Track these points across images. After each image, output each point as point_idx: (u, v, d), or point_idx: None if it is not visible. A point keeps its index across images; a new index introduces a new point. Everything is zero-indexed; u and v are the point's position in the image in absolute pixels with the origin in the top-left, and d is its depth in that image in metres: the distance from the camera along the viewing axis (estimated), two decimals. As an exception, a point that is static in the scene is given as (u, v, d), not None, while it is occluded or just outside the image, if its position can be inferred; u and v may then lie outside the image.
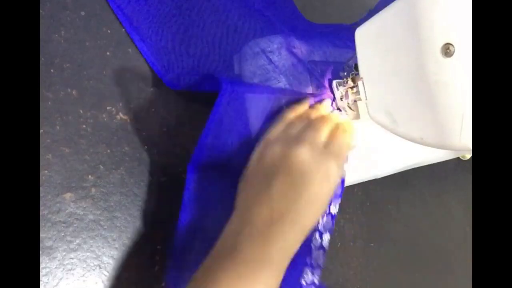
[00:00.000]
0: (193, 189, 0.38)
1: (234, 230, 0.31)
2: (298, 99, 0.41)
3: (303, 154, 0.31)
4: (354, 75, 0.39)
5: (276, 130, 0.36)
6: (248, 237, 0.29)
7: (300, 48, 0.43)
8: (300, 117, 0.37)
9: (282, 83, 0.41)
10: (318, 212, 0.31)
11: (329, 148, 0.33)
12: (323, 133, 0.34)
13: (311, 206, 0.30)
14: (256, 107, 0.39)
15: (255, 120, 0.39)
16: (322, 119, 0.36)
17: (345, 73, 0.41)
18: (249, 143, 0.38)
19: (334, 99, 0.42)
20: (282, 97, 0.40)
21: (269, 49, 0.41)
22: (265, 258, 0.29)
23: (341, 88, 0.41)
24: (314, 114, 0.38)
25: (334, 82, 0.42)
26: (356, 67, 0.40)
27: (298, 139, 0.32)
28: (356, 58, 0.40)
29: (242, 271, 0.28)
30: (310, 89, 0.42)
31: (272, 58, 0.41)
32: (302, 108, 0.39)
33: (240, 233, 0.30)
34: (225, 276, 0.28)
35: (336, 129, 0.35)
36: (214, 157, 0.38)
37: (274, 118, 0.40)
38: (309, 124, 0.35)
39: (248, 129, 0.38)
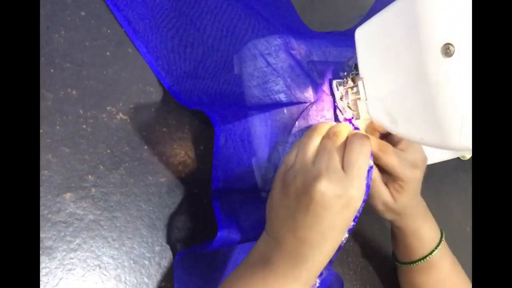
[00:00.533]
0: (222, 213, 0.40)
1: (267, 245, 0.34)
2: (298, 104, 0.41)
3: (322, 188, 0.31)
4: (354, 75, 0.39)
5: (293, 153, 0.35)
6: (280, 255, 0.33)
7: (299, 49, 0.43)
8: (310, 132, 0.36)
9: (280, 85, 0.41)
10: (340, 236, 0.33)
11: (348, 172, 0.33)
12: (336, 156, 0.33)
13: (332, 232, 0.33)
14: (255, 130, 0.40)
15: (258, 143, 0.40)
16: (332, 138, 0.35)
17: (345, 73, 0.41)
18: (261, 165, 0.40)
19: (334, 100, 0.42)
20: (281, 109, 0.40)
21: (267, 51, 0.41)
22: (294, 275, 0.32)
23: (341, 88, 0.41)
24: (324, 131, 0.36)
25: (334, 82, 0.42)
26: (356, 67, 0.40)
27: (314, 170, 0.33)
28: (356, 58, 0.40)
29: (274, 283, 0.32)
30: (309, 91, 0.42)
31: (270, 60, 0.41)
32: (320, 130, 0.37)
33: (274, 250, 0.33)
34: (260, 284, 0.32)
35: (352, 147, 0.34)
36: (229, 185, 0.40)
37: (281, 130, 0.40)
38: (324, 149, 0.34)
39: (254, 154, 0.40)
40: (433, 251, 0.43)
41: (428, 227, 0.44)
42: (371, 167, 0.38)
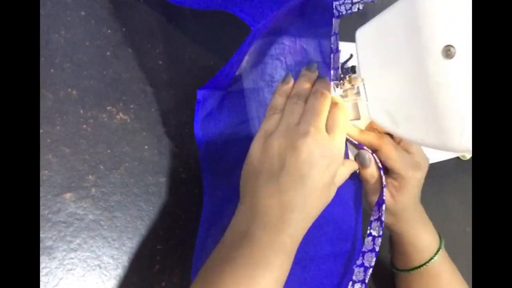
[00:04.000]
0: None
1: (244, 219, 0.33)
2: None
3: (309, 145, 0.32)
4: (351, 76, 0.39)
5: (273, 119, 0.36)
6: (261, 226, 0.31)
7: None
8: (294, 98, 0.36)
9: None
10: (323, 198, 0.33)
11: (330, 132, 0.34)
12: (324, 116, 0.34)
13: (316, 193, 0.32)
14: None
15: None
16: (319, 99, 0.35)
17: (342, 75, 0.41)
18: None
19: None
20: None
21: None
22: (279, 245, 0.31)
23: (338, 90, 0.41)
24: (305, 87, 0.37)
25: (332, 84, 0.42)
26: (352, 69, 0.40)
27: (301, 129, 0.33)
28: (347, 60, 0.40)
29: (258, 257, 0.30)
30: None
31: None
32: (289, 86, 0.38)
33: (252, 222, 0.32)
34: (242, 261, 0.30)
35: (336, 110, 0.35)
36: (221, 82, 0.39)
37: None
38: (312, 109, 0.34)
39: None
40: (431, 259, 0.42)
41: (426, 234, 0.43)
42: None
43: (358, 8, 0.42)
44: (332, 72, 0.42)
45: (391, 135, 0.41)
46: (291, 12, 0.41)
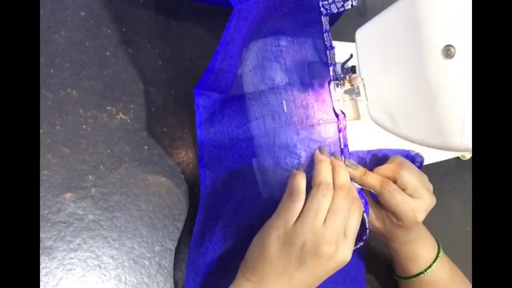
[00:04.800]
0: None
1: None
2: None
3: (330, 255, 0.33)
4: (351, 76, 0.39)
5: (295, 208, 0.35)
6: None
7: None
8: (322, 189, 0.36)
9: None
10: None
11: (348, 237, 0.35)
12: (344, 222, 0.35)
13: (314, 284, 0.35)
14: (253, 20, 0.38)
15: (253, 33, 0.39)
16: (347, 199, 0.35)
17: (342, 75, 0.41)
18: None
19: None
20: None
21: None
22: None
23: (338, 90, 0.41)
24: (330, 174, 0.37)
25: (332, 84, 0.42)
26: (352, 69, 0.40)
27: (327, 237, 0.33)
28: (347, 60, 0.40)
29: None
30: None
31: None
32: (325, 172, 0.37)
33: None
34: None
35: (355, 213, 0.36)
36: (218, 82, 0.38)
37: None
38: (336, 210, 0.34)
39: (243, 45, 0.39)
40: (429, 267, 0.43)
41: (424, 247, 0.43)
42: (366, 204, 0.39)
43: (352, 5, 0.41)
44: (330, 68, 0.42)
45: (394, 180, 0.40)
46: (279, 8, 0.41)
